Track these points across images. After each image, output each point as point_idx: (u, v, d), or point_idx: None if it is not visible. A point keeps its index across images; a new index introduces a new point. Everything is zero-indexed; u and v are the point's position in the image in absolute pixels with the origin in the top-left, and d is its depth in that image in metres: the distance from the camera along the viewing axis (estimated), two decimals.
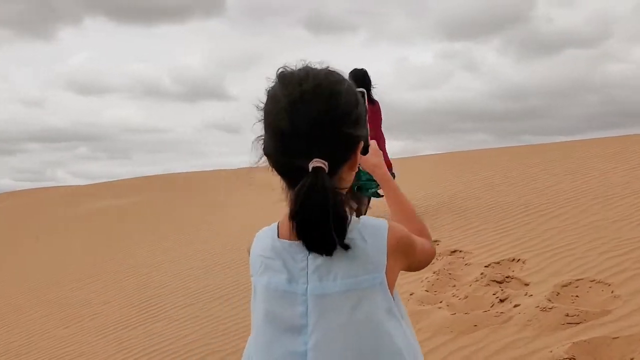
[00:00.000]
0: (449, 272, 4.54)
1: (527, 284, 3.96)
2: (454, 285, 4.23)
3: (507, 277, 4.15)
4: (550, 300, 3.50)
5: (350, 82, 1.17)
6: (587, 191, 6.10)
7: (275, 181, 1.17)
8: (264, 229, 1.24)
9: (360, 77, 6.76)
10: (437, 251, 5.13)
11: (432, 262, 4.60)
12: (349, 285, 1.12)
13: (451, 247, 5.20)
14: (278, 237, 1.18)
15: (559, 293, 3.62)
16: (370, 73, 6.70)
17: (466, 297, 3.90)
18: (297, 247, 1.13)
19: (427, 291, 4.20)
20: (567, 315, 3.22)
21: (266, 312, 1.16)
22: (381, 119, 6.79)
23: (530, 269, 4.20)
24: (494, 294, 3.87)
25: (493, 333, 3.34)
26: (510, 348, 3.11)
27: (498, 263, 4.51)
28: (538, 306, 3.42)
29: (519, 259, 4.48)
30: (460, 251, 5.06)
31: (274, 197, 1.22)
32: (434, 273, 4.54)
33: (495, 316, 3.51)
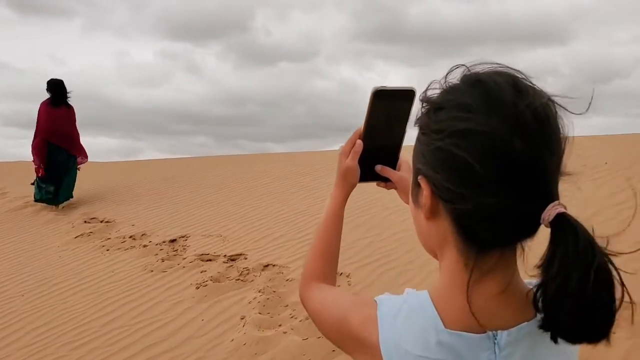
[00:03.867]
0: (273, 289, 4.28)
1: None
2: (287, 305, 3.98)
3: None
4: None
5: None
6: (376, 201, 6.38)
7: None
8: (392, 305, 0.86)
9: (58, 87, 8.32)
10: (249, 266, 4.84)
11: (252, 279, 4.25)
12: None
13: (262, 261, 4.94)
14: (444, 326, 0.81)
15: None
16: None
17: (307, 318, 3.68)
18: (480, 342, 0.81)
19: (261, 314, 3.88)
20: None
21: None
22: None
23: (359, 284, 4.16)
24: None
25: None
26: None
27: None
28: None
29: (342, 273, 4.42)
30: (274, 265, 4.83)
31: None
32: (259, 292, 4.24)
33: None
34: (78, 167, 8.65)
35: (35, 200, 8.56)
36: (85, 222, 7.44)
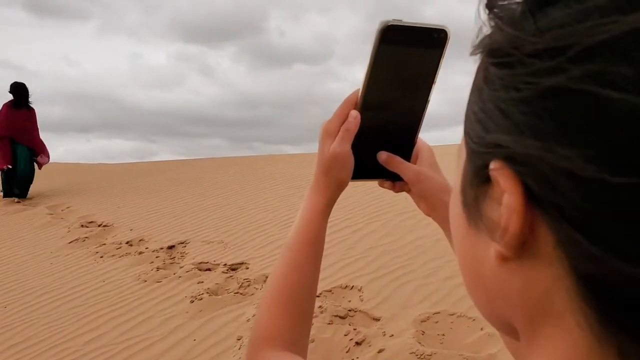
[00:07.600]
0: None
1: (377, 319, 3.42)
2: None
3: (350, 310, 3.57)
4: (420, 343, 2.99)
5: None
6: (388, 205, 5.90)
7: None
8: None
9: (21, 90, 8.74)
10: (251, 277, 4.38)
11: (252, 292, 3.75)
12: None
13: (264, 271, 4.48)
14: None
15: (424, 332, 3.14)
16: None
17: (313, 340, 3.21)
18: None
19: None
20: None
21: None
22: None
23: (372, 299, 3.68)
24: (345, 335, 3.24)
25: None
26: None
27: (330, 291, 3.92)
28: (413, 352, 2.87)
29: (353, 286, 3.95)
30: None
31: None
32: (256, 307, 3.76)
33: None
34: (40, 166, 9.16)
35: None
36: (82, 225, 7.01)
